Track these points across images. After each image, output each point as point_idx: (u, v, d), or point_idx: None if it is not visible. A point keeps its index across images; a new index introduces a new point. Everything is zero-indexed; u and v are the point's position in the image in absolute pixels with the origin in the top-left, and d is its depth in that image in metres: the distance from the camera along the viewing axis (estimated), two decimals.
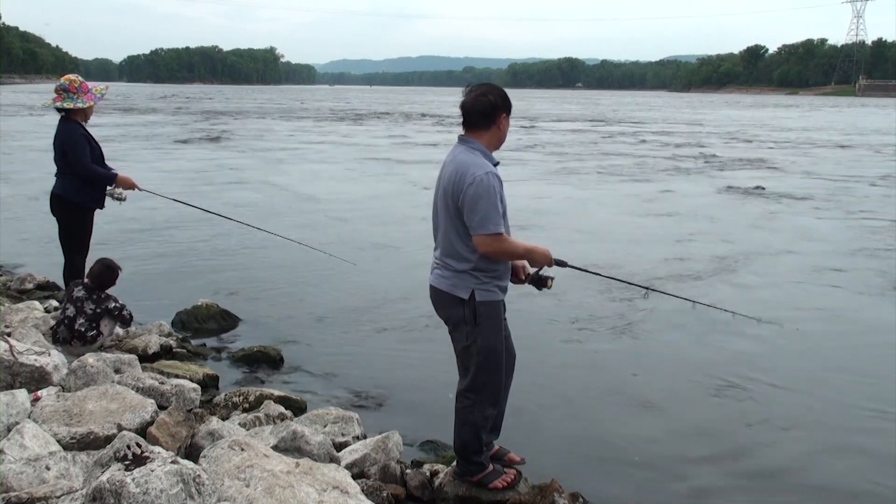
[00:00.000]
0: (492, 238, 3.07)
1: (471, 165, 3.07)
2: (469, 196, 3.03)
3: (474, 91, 3.18)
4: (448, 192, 3.13)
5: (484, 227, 3.05)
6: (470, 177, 3.03)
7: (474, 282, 3.16)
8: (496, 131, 3.20)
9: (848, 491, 3.77)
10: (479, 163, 3.09)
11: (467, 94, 3.18)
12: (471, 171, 3.05)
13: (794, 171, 18.43)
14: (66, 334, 4.74)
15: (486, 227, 3.05)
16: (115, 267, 4.92)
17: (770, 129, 37.52)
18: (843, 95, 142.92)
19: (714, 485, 3.78)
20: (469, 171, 3.05)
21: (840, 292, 7.44)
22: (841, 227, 10.96)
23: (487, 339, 3.21)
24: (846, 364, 5.44)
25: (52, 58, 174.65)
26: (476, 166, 3.06)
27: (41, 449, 3.01)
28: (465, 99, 3.18)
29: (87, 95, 5.25)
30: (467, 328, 3.21)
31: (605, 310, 6.66)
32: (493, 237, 3.07)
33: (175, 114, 40.75)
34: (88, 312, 4.75)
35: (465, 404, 3.32)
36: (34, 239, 8.88)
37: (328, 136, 27.75)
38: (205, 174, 15.89)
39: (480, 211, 3.03)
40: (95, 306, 4.77)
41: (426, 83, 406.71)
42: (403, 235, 9.76)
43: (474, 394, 3.29)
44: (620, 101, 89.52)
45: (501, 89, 3.21)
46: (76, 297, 4.77)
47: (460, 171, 3.08)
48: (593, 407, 4.72)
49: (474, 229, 3.07)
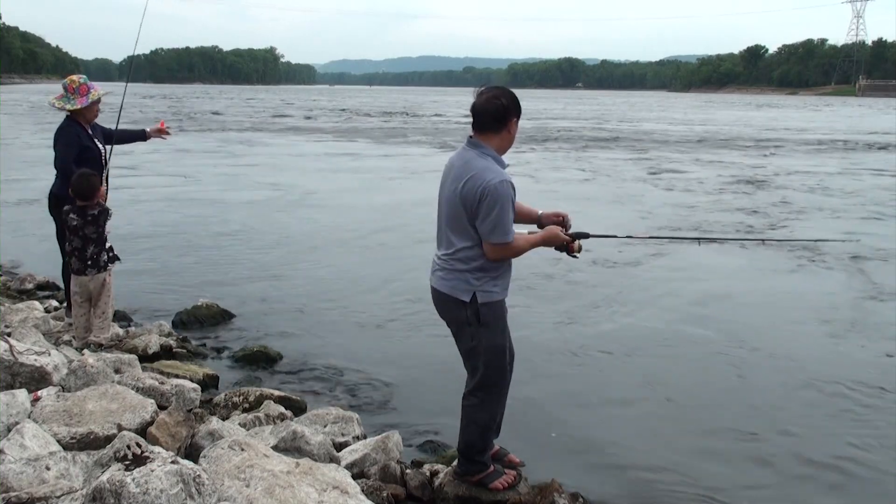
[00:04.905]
0: (503, 247, 3.11)
1: (485, 171, 3.07)
2: (484, 204, 3.04)
3: (486, 94, 3.17)
4: (459, 197, 3.11)
5: (496, 236, 3.07)
6: (485, 184, 3.03)
7: (476, 283, 3.16)
8: (506, 135, 3.20)
9: (852, 495, 3.77)
10: (494, 169, 3.09)
11: (479, 97, 3.18)
12: (485, 177, 3.04)
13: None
14: (79, 265, 4.86)
15: (499, 236, 3.08)
16: (88, 173, 4.90)
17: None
18: (843, 95, 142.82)
19: (715, 485, 3.77)
20: (484, 178, 3.04)
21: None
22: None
23: (492, 339, 3.23)
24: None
25: (52, 58, 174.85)
26: (491, 172, 3.07)
27: (41, 449, 3.01)
28: (476, 101, 3.17)
29: (80, 99, 5.25)
30: (471, 329, 3.21)
31: (604, 308, 6.67)
32: (503, 246, 3.11)
33: (151, 123, 40.51)
34: (93, 237, 4.85)
35: (473, 403, 3.32)
36: (34, 239, 8.88)
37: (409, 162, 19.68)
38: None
39: (494, 220, 3.04)
40: (95, 226, 4.84)
41: (426, 83, 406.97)
42: (404, 235, 9.77)
43: (483, 393, 3.30)
44: (647, 103, 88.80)
45: (513, 93, 3.21)
46: (74, 226, 4.82)
47: (474, 178, 3.07)
48: (593, 407, 4.71)
49: (486, 236, 3.09)
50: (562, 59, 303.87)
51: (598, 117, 47.76)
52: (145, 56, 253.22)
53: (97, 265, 4.88)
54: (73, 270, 4.91)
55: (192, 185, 14.20)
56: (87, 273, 4.87)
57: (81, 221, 4.82)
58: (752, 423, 4.43)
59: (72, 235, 4.87)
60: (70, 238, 4.89)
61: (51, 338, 5.07)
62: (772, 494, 3.71)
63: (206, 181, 14.85)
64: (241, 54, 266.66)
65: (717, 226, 10.71)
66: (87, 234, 4.84)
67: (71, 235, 4.87)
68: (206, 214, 11.22)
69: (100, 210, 4.87)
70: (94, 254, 4.88)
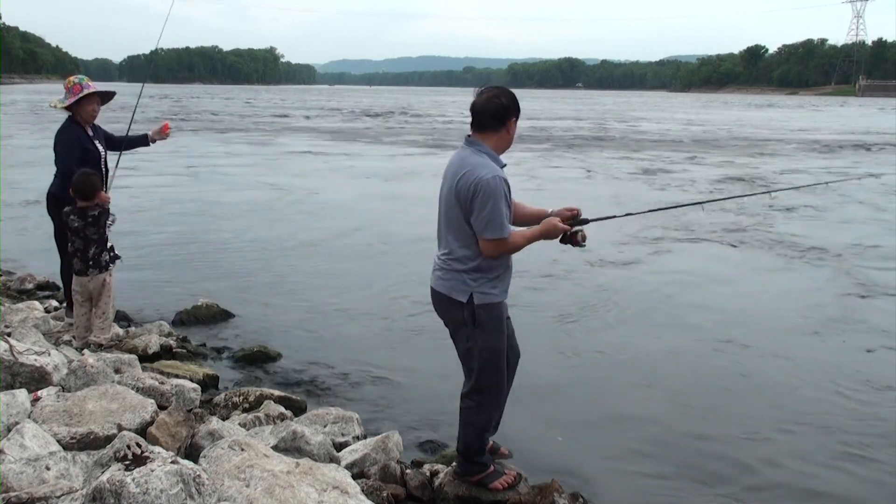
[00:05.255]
0: (497, 242, 3.10)
1: (478, 167, 3.08)
2: (477, 199, 3.04)
3: (486, 93, 3.20)
4: (454, 193, 3.13)
5: (490, 231, 3.07)
6: (478, 179, 3.04)
7: (473, 284, 3.16)
8: (505, 134, 3.22)
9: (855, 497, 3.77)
10: (488, 165, 3.10)
11: (479, 96, 3.20)
12: (478, 173, 3.06)
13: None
14: (81, 266, 4.89)
15: (493, 231, 3.07)
16: (89, 172, 4.91)
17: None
18: (843, 95, 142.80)
19: (715, 485, 3.77)
20: (477, 174, 3.06)
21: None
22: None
23: (488, 341, 3.22)
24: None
25: (52, 58, 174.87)
26: (484, 168, 3.08)
27: (41, 449, 3.01)
28: (476, 100, 3.19)
29: (71, 97, 5.25)
30: (467, 330, 3.21)
31: (602, 306, 6.68)
32: (498, 241, 3.10)
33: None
34: (94, 238, 4.87)
35: (470, 405, 3.32)
36: (34, 239, 8.88)
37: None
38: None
39: (487, 215, 3.05)
40: (96, 227, 4.85)
41: (426, 83, 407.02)
42: (405, 235, 9.77)
43: (479, 396, 3.30)
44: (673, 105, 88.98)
45: (512, 93, 3.22)
46: (75, 228, 4.84)
47: (468, 174, 3.08)
48: (594, 406, 4.71)
49: (480, 232, 3.09)
50: (562, 59, 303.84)
51: (598, 117, 47.74)
52: (145, 56, 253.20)
53: (98, 265, 4.90)
54: (76, 271, 4.93)
55: (192, 186, 14.19)
56: (88, 273, 4.88)
57: (82, 223, 4.83)
58: (753, 424, 4.43)
59: (73, 237, 4.88)
60: (72, 239, 4.90)
61: (51, 338, 5.08)
62: (772, 494, 3.70)
63: (207, 181, 14.84)
64: (241, 54, 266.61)
65: (706, 224, 10.71)
66: (89, 235, 4.85)
67: (72, 237, 4.88)
68: (206, 214, 11.23)
69: (100, 211, 4.87)
70: (96, 254, 4.89)
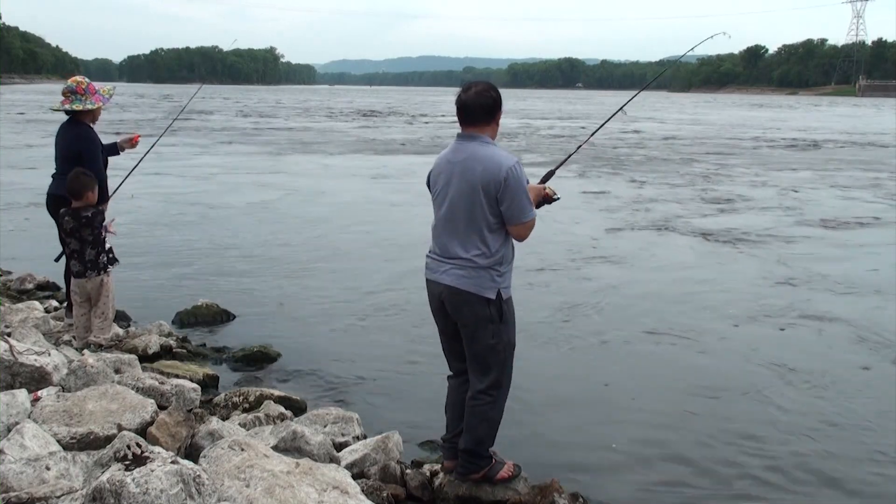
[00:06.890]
0: (530, 222, 3.20)
1: (498, 157, 3.13)
2: (509, 188, 3.10)
3: (475, 88, 3.22)
4: (479, 187, 3.12)
5: (525, 214, 3.16)
6: (507, 168, 3.10)
7: (499, 280, 3.21)
8: (495, 126, 3.26)
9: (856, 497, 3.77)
10: (503, 154, 3.17)
11: (467, 92, 3.21)
12: (503, 162, 3.11)
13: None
14: (79, 267, 4.88)
15: (527, 214, 3.16)
16: (81, 171, 4.90)
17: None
18: (843, 95, 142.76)
19: (715, 485, 3.77)
20: (502, 164, 3.11)
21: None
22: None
23: (510, 335, 3.30)
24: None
25: (53, 58, 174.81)
26: (505, 158, 3.14)
27: (41, 449, 3.00)
28: (465, 96, 3.20)
29: (96, 97, 5.25)
30: (493, 326, 3.22)
31: (601, 304, 6.67)
32: (531, 221, 3.20)
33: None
34: (90, 239, 4.85)
35: (487, 401, 3.32)
36: (34, 239, 8.88)
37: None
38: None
39: (520, 201, 3.13)
40: (90, 228, 4.84)
41: (426, 83, 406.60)
42: (406, 235, 9.77)
43: (497, 391, 3.32)
44: None
45: (496, 87, 3.30)
46: (70, 229, 4.83)
47: (490, 165, 3.11)
48: (594, 406, 4.71)
49: (516, 218, 3.15)
50: (562, 60, 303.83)
51: (598, 117, 47.74)
52: (145, 56, 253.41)
53: (96, 267, 4.89)
54: (73, 273, 4.92)
55: (193, 186, 14.19)
56: (86, 275, 4.88)
57: (76, 224, 4.81)
58: (753, 424, 4.43)
59: (69, 238, 4.87)
60: (68, 240, 4.90)
61: (51, 338, 5.08)
62: (772, 494, 3.70)
63: (207, 181, 14.84)
64: (241, 54, 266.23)
65: (680, 220, 10.71)
66: (84, 236, 4.84)
67: (68, 238, 4.88)
68: (206, 214, 11.23)
69: (93, 212, 4.86)
70: (93, 256, 4.88)
